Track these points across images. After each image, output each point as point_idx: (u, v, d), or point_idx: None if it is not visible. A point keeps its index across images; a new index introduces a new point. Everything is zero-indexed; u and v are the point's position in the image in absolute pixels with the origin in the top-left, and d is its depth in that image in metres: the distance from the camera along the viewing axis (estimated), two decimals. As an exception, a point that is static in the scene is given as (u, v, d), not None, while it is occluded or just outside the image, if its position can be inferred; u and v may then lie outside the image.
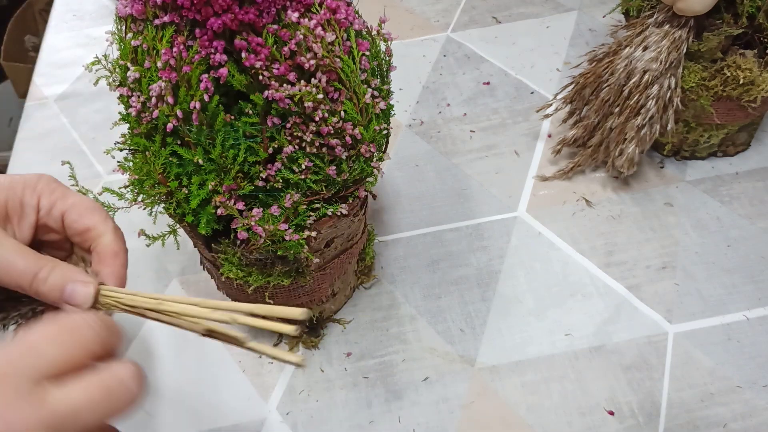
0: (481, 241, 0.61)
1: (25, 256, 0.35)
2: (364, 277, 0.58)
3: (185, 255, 0.61)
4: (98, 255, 0.38)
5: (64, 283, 0.35)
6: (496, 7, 0.85)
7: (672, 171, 0.65)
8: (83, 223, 0.37)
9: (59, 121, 0.76)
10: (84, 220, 0.37)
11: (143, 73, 0.39)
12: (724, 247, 0.59)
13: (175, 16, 0.38)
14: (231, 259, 0.44)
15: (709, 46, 0.55)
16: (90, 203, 0.38)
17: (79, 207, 0.38)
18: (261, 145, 0.40)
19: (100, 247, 0.38)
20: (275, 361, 0.55)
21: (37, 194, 0.37)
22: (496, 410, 0.50)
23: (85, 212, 0.38)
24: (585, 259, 0.59)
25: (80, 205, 0.38)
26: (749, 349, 0.52)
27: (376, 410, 0.51)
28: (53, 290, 0.35)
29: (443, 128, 0.71)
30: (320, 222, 0.43)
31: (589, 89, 0.61)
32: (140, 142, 0.41)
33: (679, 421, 0.49)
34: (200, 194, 0.40)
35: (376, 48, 0.42)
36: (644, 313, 0.55)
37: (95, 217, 0.38)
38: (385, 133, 0.43)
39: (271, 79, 0.38)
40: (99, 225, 0.38)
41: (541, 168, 0.66)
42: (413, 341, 0.55)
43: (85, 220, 0.37)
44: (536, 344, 0.54)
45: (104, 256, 0.37)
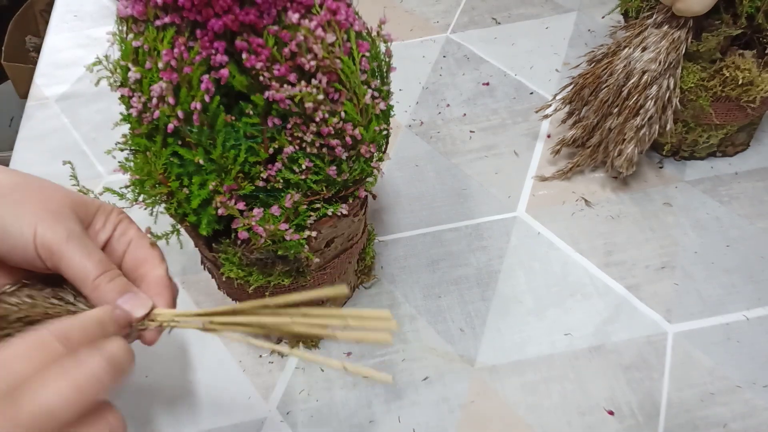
0: (480, 241, 0.61)
1: (98, 255, 0.37)
2: (364, 277, 0.59)
3: (186, 255, 0.61)
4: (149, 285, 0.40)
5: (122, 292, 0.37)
6: (496, 8, 0.85)
7: (671, 171, 0.65)
8: (145, 252, 0.41)
9: (60, 122, 0.76)
10: (146, 251, 0.41)
11: (144, 74, 0.39)
12: (723, 247, 0.59)
13: (176, 17, 0.38)
14: (232, 258, 0.44)
15: (708, 47, 0.55)
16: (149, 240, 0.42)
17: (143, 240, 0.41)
18: (261, 145, 0.40)
19: (153, 279, 0.40)
20: (275, 361, 0.55)
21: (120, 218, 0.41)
22: (495, 410, 0.51)
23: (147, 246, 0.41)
24: (584, 258, 0.59)
25: (144, 239, 0.41)
26: (749, 349, 0.52)
27: (376, 410, 0.51)
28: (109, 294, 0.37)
29: (443, 128, 0.71)
30: (320, 222, 0.43)
31: (588, 90, 0.61)
32: (141, 143, 0.41)
33: (679, 421, 0.49)
34: (201, 194, 0.40)
35: (376, 49, 0.42)
36: (644, 312, 0.55)
37: (155, 251, 0.41)
38: (385, 134, 0.44)
39: (272, 80, 0.38)
40: (156, 259, 0.41)
41: (540, 168, 0.67)
42: (413, 341, 0.55)
43: (146, 251, 0.41)
44: (536, 344, 0.54)
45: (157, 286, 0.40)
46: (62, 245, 0.35)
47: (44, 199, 0.37)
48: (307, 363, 0.54)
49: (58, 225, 0.36)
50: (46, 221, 0.36)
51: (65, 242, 0.36)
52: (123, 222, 0.41)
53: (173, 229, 0.45)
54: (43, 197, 0.37)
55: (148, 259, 0.40)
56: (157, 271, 0.40)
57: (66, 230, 0.36)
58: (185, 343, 0.56)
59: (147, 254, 0.41)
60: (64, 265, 0.36)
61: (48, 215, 0.36)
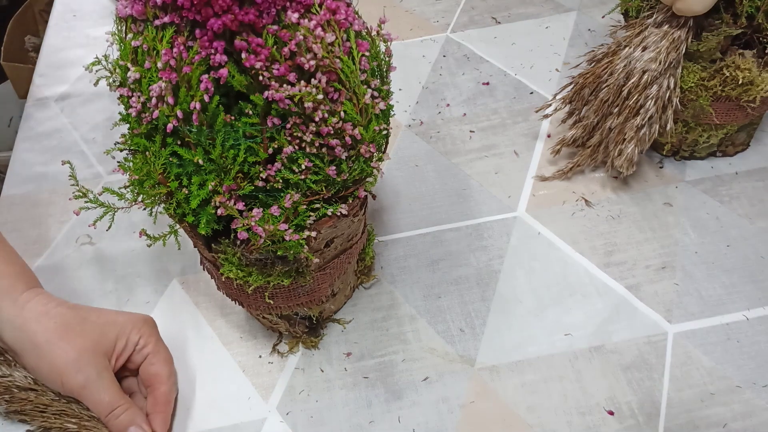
0: (480, 241, 0.61)
1: (112, 392, 0.47)
2: (364, 277, 0.58)
3: (185, 255, 0.61)
4: (154, 399, 0.50)
5: (129, 425, 0.47)
6: (496, 7, 0.85)
7: (671, 171, 0.65)
8: (157, 369, 0.50)
9: (59, 122, 0.76)
10: (157, 367, 0.50)
11: (143, 74, 0.39)
12: (723, 246, 0.59)
13: (176, 17, 0.38)
14: (231, 259, 0.44)
15: (708, 47, 0.55)
16: (167, 356, 0.51)
17: (159, 355, 0.50)
18: (261, 145, 0.40)
19: (157, 393, 0.50)
20: (275, 361, 0.55)
21: (139, 335, 0.50)
22: (496, 410, 0.50)
23: (161, 361, 0.50)
24: (584, 258, 0.59)
25: (160, 354, 0.50)
26: (749, 349, 0.52)
27: (376, 410, 0.51)
28: (119, 426, 0.47)
29: (443, 128, 0.71)
30: (320, 222, 0.43)
31: (589, 89, 0.61)
32: (140, 143, 0.41)
33: (679, 421, 0.49)
34: (200, 194, 0.40)
35: (375, 48, 0.42)
36: (644, 312, 0.55)
37: (166, 369, 0.50)
38: (384, 134, 0.43)
39: (271, 80, 0.38)
40: (165, 376, 0.50)
41: (540, 168, 0.66)
42: (413, 341, 0.55)
43: (158, 368, 0.50)
44: (536, 344, 0.54)
45: (158, 401, 0.49)
46: (81, 390, 0.47)
47: (68, 348, 0.47)
48: (307, 363, 0.54)
49: (79, 373, 0.46)
50: (69, 371, 0.46)
51: (83, 388, 0.47)
52: (143, 336, 0.50)
53: (172, 230, 0.45)
54: (68, 347, 0.47)
55: (158, 376, 0.50)
56: (163, 388, 0.50)
57: (84, 377, 0.46)
58: (185, 344, 0.56)
59: (158, 371, 0.50)
60: (85, 402, 0.48)
61: (70, 365, 0.46)
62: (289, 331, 0.54)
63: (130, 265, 0.62)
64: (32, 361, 0.47)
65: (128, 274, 0.61)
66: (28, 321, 0.47)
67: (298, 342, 0.55)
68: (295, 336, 0.55)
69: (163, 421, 0.49)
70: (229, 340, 0.56)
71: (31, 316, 0.47)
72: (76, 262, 0.62)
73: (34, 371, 0.48)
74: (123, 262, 0.62)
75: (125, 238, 0.63)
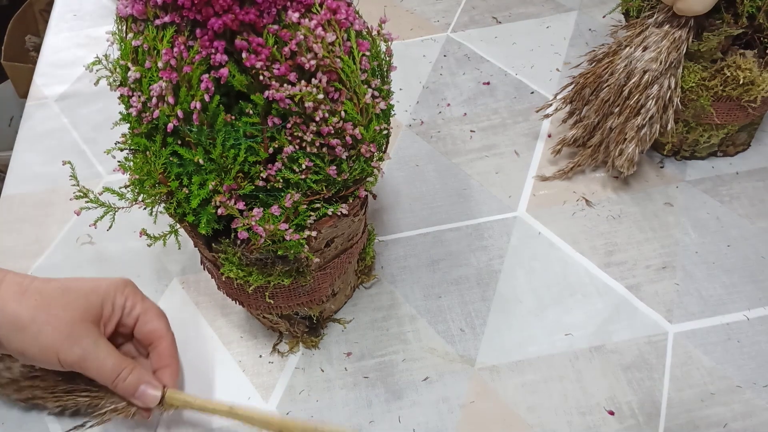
0: (481, 241, 0.61)
1: (114, 358, 0.45)
2: (364, 277, 0.58)
3: (185, 255, 0.61)
4: (158, 354, 0.48)
5: (138, 384, 0.46)
6: (496, 7, 0.85)
7: (672, 171, 0.65)
8: (153, 325, 0.49)
9: (60, 121, 0.76)
10: (153, 324, 0.49)
11: (144, 73, 0.39)
12: (724, 246, 0.59)
13: (176, 17, 0.38)
14: (231, 258, 0.44)
15: (708, 46, 0.55)
16: (159, 311, 0.50)
17: (150, 312, 0.49)
18: (261, 145, 0.40)
19: (160, 348, 0.48)
20: (275, 361, 0.55)
21: (124, 297, 0.48)
22: (496, 410, 0.50)
23: (154, 317, 0.49)
24: (585, 258, 0.59)
25: (151, 311, 0.49)
26: (749, 349, 0.52)
27: (376, 410, 0.51)
28: (129, 388, 0.45)
29: (443, 128, 0.71)
30: (320, 222, 0.43)
31: (589, 89, 0.61)
32: (141, 142, 0.41)
33: (679, 421, 0.49)
34: (201, 194, 0.40)
35: (376, 48, 0.42)
36: (644, 312, 0.55)
37: (161, 323, 0.49)
38: (385, 133, 0.43)
39: (272, 80, 0.38)
40: (163, 330, 0.49)
41: (541, 168, 0.66)
42: (413, 341, 0.55)
43: (153, 324, 0.49)
44: (536, 344, 0.54)
45: (163, 355, 0.48)
46: (81, 363, 0.45)
47: (57, 324, 0.44)
48: (307, 363, 0.54)
49: (74, 346, 0.44)
50: (63, 347, 0.44)
51: (83, 361, 0.44)
52: (129, 298, 0.48)
53: (172, 229, 0.45)
54: (56, 322, 0.44)
55: (155, 332, 0.49)
56: (164, 342, 0.48)
57: (81, 349, 0.44)
58: (185, 344, 0.56)
59: (154, 327, 0.49)
60: (87, 374, 0.46)
61: (63, 341, 0.44)
62: (290, 330, 0.54)
63: (131, 265, 0.62)
64: (18, 344, 0.44)
65: (128, 273, 0.61)
66: (6, 303, 0.44)
67: (299, 342, 0.55)
68: (296, 336, 0.55)
69: (172, 374, 0.48)
70: (229, 340, 0.56)
71: (8, 296, 0.44)
72: (76, 262, 0.62)
73: (23, 355, 0.45)
74: (123, 262, 0.62)
75: (125, 238, 0.63)
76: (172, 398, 0.46)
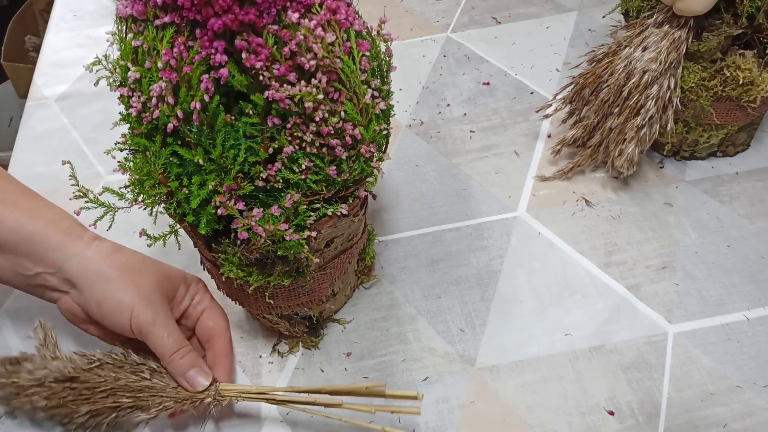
0: (481, 241, 0.61)
1: (175, 335, 0.47)
2: (364, 277, 0.58)
3: (185, 255, 0.61)
4: (214, 352, 0.50)
5: (191, 366, 0.47)
6: (496, 7, 0.85)
7: (672, 171, 0.65)
8: (214, 323, 0.51)
9: (60, 122, 0.76)
10: (215, 321, 0.51)
11: (144, 74, 0.39)
12: (723, 247, 0.59)
13: (176, 17, 0.38)
14: (231, 259, 0.44)
15: (708, 47, 0.55)
16: (222, 312, 0.52)
17: (215, 310, 0.52)
18: (261, 145, 0.40)
19: (216, 347, 0.51)
20: (275, 361, 0.55)
21: (197, 290, 0.52)
22: (496, 410, 0.50)
23: (217, 315, 0.52)
24: (585, 258, 0.59)
25: (216, 309, 0.52)
26: (749, 349, 0.52)
27: (376, 410, 0.51)
28: (182, 367, 0.47)
29: (443, 128, 0.71)
30: (320, 222, 0.43)
31: (589, 89, 0.61)
32: (141, 143, 0.41)
33: (679, 421, 0.49)
34: (200, 194, 0.40)
35: (376, 48, 0.42)
36: (644, 313, 0.55)
37: (223, 323, 0.52)
38: (385, 134, 0.43)
39: (272, 80, 0.38)
40: (222, 329, 0.51)
41: (540, 168, 0.66)
42: (413, 341, 0.55)
43: (215, 321, 0.51)
44: (536, 344, 0.54)
45: (219, 354, 0.50)
46: (150, 326, 0.46)
47: (140, 284, 0.47)
48: (307, 363, 0.54)
49: (148, 309, 0.46)
50: (139, 306, 0.46)
51: (152, 324, 0.46)
52: (199, 293, 0.52)
53: (172, 230, 0.45)
54: (139, 282, 0.47)
55: (215, 328, 0.51)
56: (221, 341, 0.51)
57: (153, 314, 0.46)
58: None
59: (215, 324, 0.51)
60: (150, 341, 0.46)
61: (141, 301, 0.46)
62: (290, 331, 0.54)
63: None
64: (99, 294, 0.46)
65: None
66: (99, 255, 0.47)
67: (298, 342, 0.55)
68: (295, 336, 0.55)
69: (225, 372, 0.49)
70: (230, 340, 0.56)
71: (102, 250, 0.47)
72: (76, 261, 0.62)
73: (99, 305, 0.46)
74: (123, 262, 0.62)
75: (125, 238, 0.63)
76: (225, 390, 0.48)
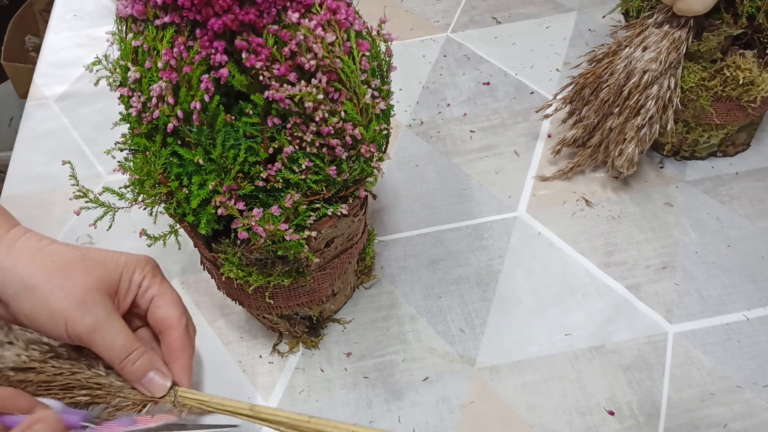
0: (481, 241, 0.61)
1: (126, 336, 0.41)
2: (364, 277, 0.58)
3: (185, 255, 0.61)
4: (167, 346, 0.44)
5: (147, 370, 0.42)
6: (496, 7, 0.85)
7: (672, 171, 0.65)
8: (164, 312, 0.44)
9: (60, 122, 0.76)
10: (164, 310, 0.44)
11: (144, 74, 0.39)
12: (723, 247, 0.59)
13: (176, 17, 0.38)
14: (231, 259, 0.44)
15: (708, 47, 0.55)
16: (174, 296, 0.45)
17: (165, 297, 0.44)
18: (261, 145, 0.40)
19: (169, 339, 0.44)
20: (275, 361, 0.55)
21: (143, 275, 0.44)
22: (496, 410, 0.50)
23: (167, 303, 0.44)
24: (585, 258, 0.59)
25: (166, 296, 0.44)
26: (749, 349, 0.52)
27: (376, 410, 0.51)
28: (137, 372, 0.41)
29: (443, 128, 0.71)
30: (320, 222, 0.43)
31: (589, 89, 0.61)
32: (141, 142, 0.41)
33: (679, 421, 0.49)
34: (200, 194, 0.40)
35: (376, 48, 0.42)
36: (644, 313, 0.55)
37: (175, 311, 0.44)
38: (385, 134, 0.43)
39: (272, 80, 0.38)
40: (174, 319, 0.44)
41: (540, 168, 0.66)
42: (413, 341, 0.55)
43: (165, 310, 0.44)
44: (536, 344, 0.54)
45: (172, 347, 0.44)
46: (90, 335, 0.40)
47: (70, 288, 0.40)
48: (307, 363, 0.54)
49: (85, 316, 0.40)
50: (74, 314, 0.40)
51: (92, 332, 0.40)
52: (147, 277, 0.44)
53: (172, 230, 0.45)
54: (69, 286, 0.40)
55: (166, 319, 0.44)
56: (174, 332, 0.44)
57: (92, 320, 0.40)
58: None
59: (165, 313, 0.44)
60: (95, 349, 0.41)
61: (75, 307, 0.40)
62: (290, 331, 0.54)
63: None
64: (27, 306, 0.40)
65: (128, 273, 0.61)
66: (20, 261, 0.40)
67: (298, 342, 0.55)
68: (296, 336, 0.55)
69: (183, 368, 0.43)
70: (229, 340, 0.56)
71: (24, 255, 0.40)
72: (76, 261, 0.62)
73: (29, 319, 0.40)
74: (123, 262, 0.62)
75: (125, 238, 0.63)
76: (184, 397, 0.42)
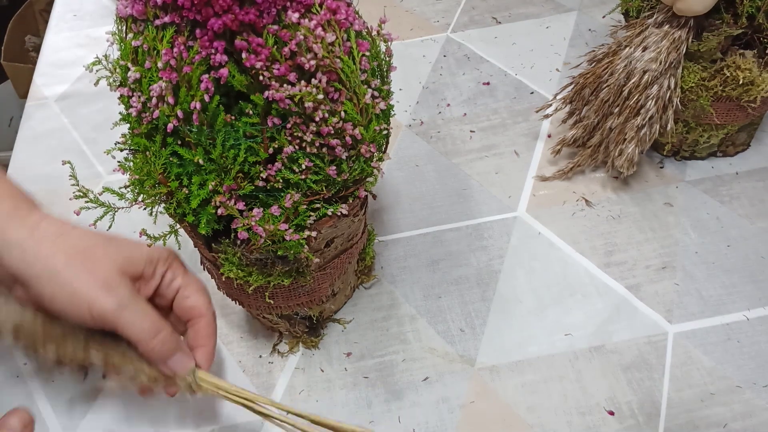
0: (481, 241, 0.61)
1: (152, 318, 0.41)
2: (364, 277, 0.58)
3: (185, 255, 0.61)
4: (195, 332, 0.45)
5: (176, 349, 0.42)
6: (496, 7, 0.85)
7: (672, 171, 0.65)
8: (192, 301, 0.45)
9: (60, 122, 0.76)
10: (192, 299, 0.45)
11: (144, 74, 0.39)
12: (723, 247, 0.59)
13: (176, 17, 0.38)
14: (231, 259, 0.44)
15: (708, 47, 0.55)
16: (201, 285, 0.46)
17: (192, 286, 0.45)
18: (261, 145, 0.40)
19: (198, 326, 0.45)
20: (275, 361, 0.55)
21: (167, 266, 0.45)
22: (496, 410, 0.50)
23: (195, 292, 0.45)
24: (585, 258, 0.59)
25: (193, 285, 0.46)
26: (749, 349, 0.52)
27: (376, 410, 0.51)
28: (166, 351, 0.42)
29: (443, 128, 0.71)
30: (320, 222, 0.43)
31: (589, 89, 0.61)
32: (141, 142, 0.41)
33: (679, 421, 0.49)
34: (200, 194, 0.40)
35: (376, 48, 0.42)
36: (644, 313, 0.55)
37: (202, 299, 0.46)
38: (385, 134, 0.43)
39: (272, 80, 0.38)
40: (203, 307, 0.45)
41: (540, 168, 0.66)
42: (413, 341, 0.55)
43: (193, 300, 0.45)
44: (536, 344, 0.54)
45: (200, 334, 0.45)
46: (115, 314, 0.40)
47: (94, 269, 0.40)
48: (307, 363, 0.54)
49: (109, 297, 0.40)
50: (98, 296, 0.39)
51: (117, 313, 0.40)
52: (171, 269, 0.45)
53: (172, 230, 0.45)
54: (93, 268, 0.40)
55: (195, 308, 0.45)
56: (203, 320, 0.45)
57: (116, 301, 0.40)
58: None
59: (194, 303, 0.45)
60: (120, 330, 0.40)
61: (98, 289, 0.40)
62: (290, 331, 0.54)
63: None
64: (48, 289, 0.40)
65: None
66: (42, 243, 0.40)
67: (299, 342, 0.55)
68: (296, 336, 0.55)
69: (207, 355, 0.44)
70: (229, 340, 0.56)
71: (46, 237, 0.40)
72: (76, 261, 0.62)
73: (51, 301, 0.40)
74: (123, 262, 0.62)
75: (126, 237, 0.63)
76: (202, 380, 0.43)
